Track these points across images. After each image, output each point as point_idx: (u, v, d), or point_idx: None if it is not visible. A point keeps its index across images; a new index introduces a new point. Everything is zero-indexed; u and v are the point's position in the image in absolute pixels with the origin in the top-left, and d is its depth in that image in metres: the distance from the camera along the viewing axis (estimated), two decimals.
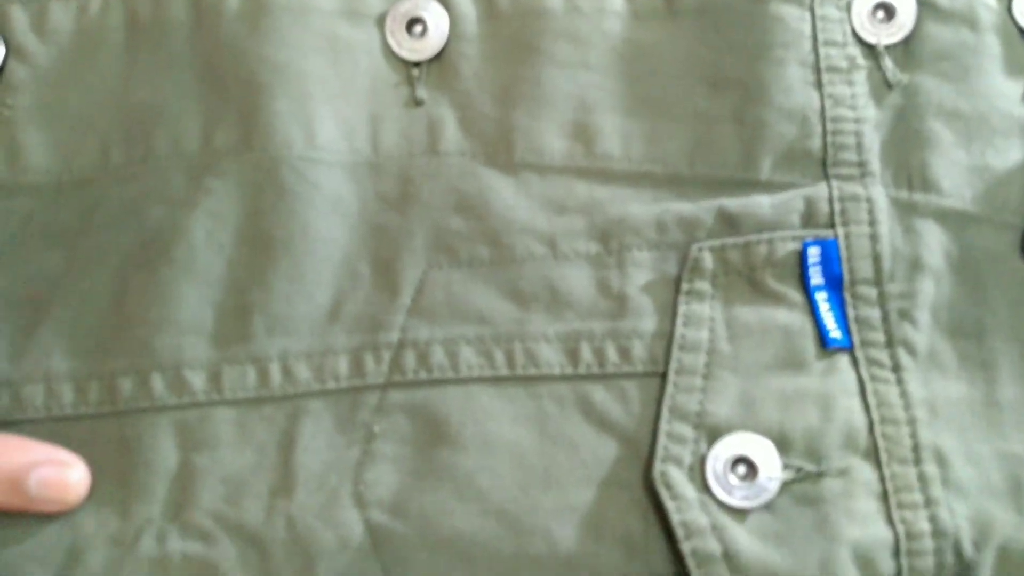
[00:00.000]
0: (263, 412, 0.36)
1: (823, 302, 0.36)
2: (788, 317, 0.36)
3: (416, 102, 0.39)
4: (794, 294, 0.36)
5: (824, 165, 0.38)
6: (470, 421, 0.35)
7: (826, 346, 0.36)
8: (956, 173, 0.38)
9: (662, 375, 0.35)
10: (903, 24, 0.39)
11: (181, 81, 0.39)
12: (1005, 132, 0.38)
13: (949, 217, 0.38)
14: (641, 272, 0.37)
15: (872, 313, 0.36)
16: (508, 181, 0.38)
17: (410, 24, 0.39)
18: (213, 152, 0.38)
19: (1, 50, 0.39)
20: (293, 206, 0.37)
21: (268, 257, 0.37)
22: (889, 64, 0.39)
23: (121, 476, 0.35)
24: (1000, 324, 0.37)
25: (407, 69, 0.39)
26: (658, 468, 0.34)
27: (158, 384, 0.36)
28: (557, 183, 0.38)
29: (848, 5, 0.40)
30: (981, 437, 0.35)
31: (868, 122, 0.38)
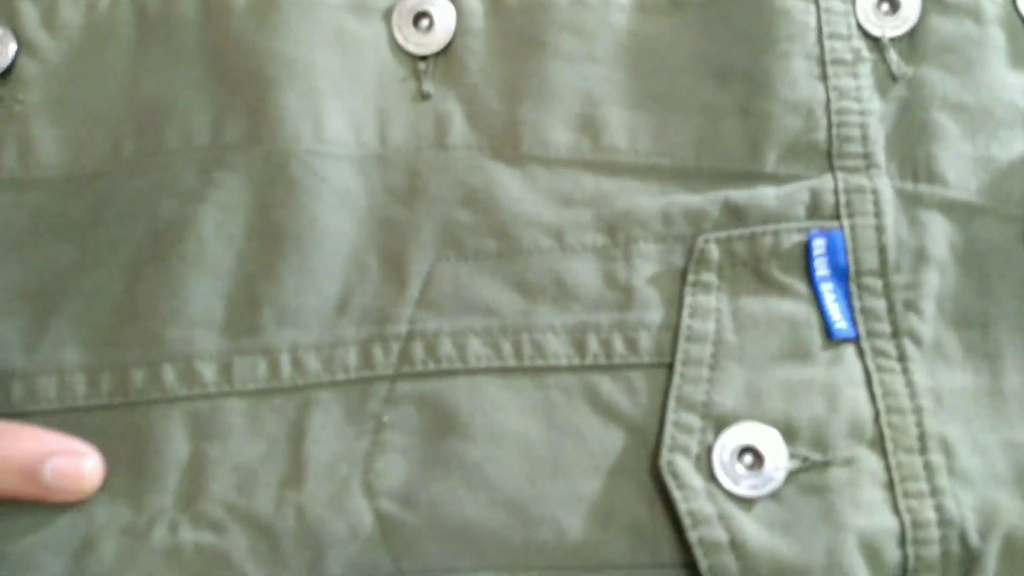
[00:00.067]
0: (273, 403, 0.36)
1: (828, 293, 0.36)
2: (794, 308, 0.36)
3: (423, 96, 0.39)
4: (800, 285, 0.37)
5: (829, 157, 0.38)
6: (478, 412, 0.35)
7: (832, 337, 0.36)
8: (961, 165, 0.38)
9: (669, 366, 0.36)
10: (908, 17, 0.39)
11: (190, 75, 0.39)
12: (1009, 124, 0.38)
13: (954, 208, 0.38)
14: (648, 264, 0.37)
15: (877, 304, 0.36)
16: (515, 174, 0.38)
17: (417, 18, 0.40)
18: (222, 146, 0.38)
19: (12, 46, 0.39)
20: (302, 199, 0.37)
21: (277, 250, 0.37)
22: (894, 57, 0.39)
23: (133, 467, 0.35)
24: (1005, 314, 0.37)
25: (414, 63, 0.40)
26: (665, 457, 0.34)
27: (169, 375, 0.36)
28: (564, 176, 0.38)
29: None
30: (986, 426, 0.35)
31: (873, 114, 0.38)
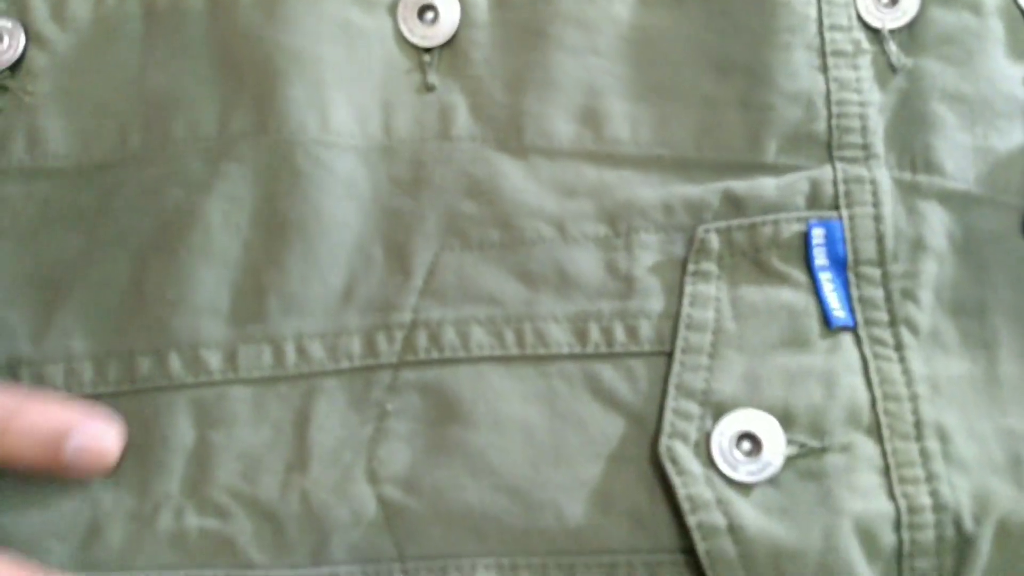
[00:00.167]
0: (278, 390, 0.36)
1: (827, 282, 0.36)
2: (793, 297, 0.36)
3: (428, 88, 0.39)
4: (799, 274, 0.37)
5: (829, 148, 0.38)
6: (481, 399, 0.36)
7: (830, 325, 0.36)
8: (959, 155, 0.38)
9: (669, 354, 0.36)
10: (907, 8, 0.40)
11: (198, 68, 0.39)
12: (1008, 114, 0.39)
13: (952, 198, 0.38)
14: (648, 254, 0.37)
15: (875, 293, 0.37)
16: (518, 165, 0.38)
17: (421, 11, 0.40)
18: (229, 137, 0.38)
19: (22, 38, 0.40)
20: (307, 190, 0.37)
21: (283, 240, 0.37)
22: (894, 48, 0.39)
23: (139, 453, 0.35)
24: (1001, 303, 0.37)
25: (419, 55, 0.40)
26: (664, 444, 0.34)
27: (175, 363, 0.36)
28: (566, 167, 0.38)
29: None
30: (982, 414, 0.35)
31: (873, 105, 0.39)
